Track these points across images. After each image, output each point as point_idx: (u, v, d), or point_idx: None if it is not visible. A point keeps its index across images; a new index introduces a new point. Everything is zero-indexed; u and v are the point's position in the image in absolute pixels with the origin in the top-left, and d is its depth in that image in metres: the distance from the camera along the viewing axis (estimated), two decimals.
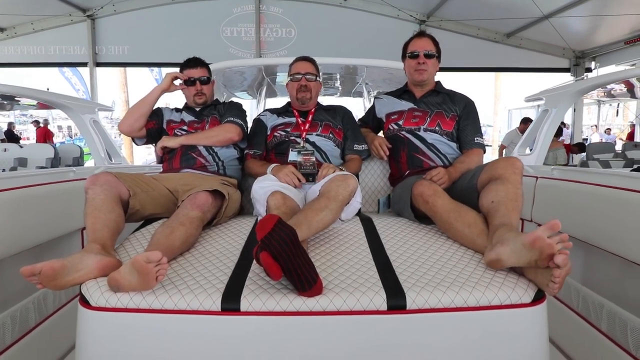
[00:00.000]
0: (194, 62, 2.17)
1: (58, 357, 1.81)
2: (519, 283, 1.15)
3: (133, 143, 2.28)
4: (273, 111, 2.27)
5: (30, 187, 1.69)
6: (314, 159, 1.93)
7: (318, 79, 2.17)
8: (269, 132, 2.19)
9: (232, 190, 1.84)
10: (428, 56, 2.05)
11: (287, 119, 2.18)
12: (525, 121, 7.01)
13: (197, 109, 2.21)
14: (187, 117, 2.18)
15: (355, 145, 2.16)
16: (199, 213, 1.50)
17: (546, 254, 1.05)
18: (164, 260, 1.07)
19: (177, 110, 2.24)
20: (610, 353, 1.57)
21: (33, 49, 9.16)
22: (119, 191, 1.51)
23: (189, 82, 2.14)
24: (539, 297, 1.13)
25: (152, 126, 2.12)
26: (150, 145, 2.24)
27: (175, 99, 2.55)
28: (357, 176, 2.22)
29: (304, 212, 1.42)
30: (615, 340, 1.56)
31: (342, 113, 2.25)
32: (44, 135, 11.34)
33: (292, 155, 1.97)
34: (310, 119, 2.16)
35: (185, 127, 2.13)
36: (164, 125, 2.16)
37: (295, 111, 2.20)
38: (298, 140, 2.07)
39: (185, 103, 2.27)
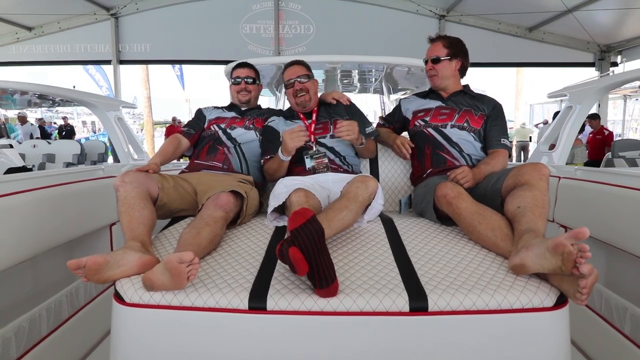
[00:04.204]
0: (242, 64, 2.37)
1: (90, 347, 1.89)
2: (541, 287, 1.15)
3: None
4: (279, 114, 2.27)
5: (62, 185, 1.76)
6: (326, 160, 2.02)
7: (312, 78, 2.17)
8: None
9: (248, 188, 1.88)
10: (434, 61, 2.09)
11: (295, 123, 2.18)
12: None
13: (242, 108, 2.31)
14: (229, 114, 2.27)
15: (367, 130, 2.17)
16: (222, 213, 1.55)
17: (569, 261, 1.05)
18: (195, 261, 1.11)
19: (221, 108, 2.35)
20: (633, 356, 1.56)
21: (59, 47, 9.42)
22: (148, 187, 1.56)
23: (236, 80, 2.29)
24: (561, 301, 1.13)
25: (199, 136, 2.23)
26: None
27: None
28: (377, 164, 2.32)
29: (325, 212, 1.49)
30: (639, 343, 1.55)
31: (344, 105, 2.25)
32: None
33: (308, 163, 2.03)
34: (314, 118, 2.18)
35: (223, 125, 2.20)
36: (205, 125, 2.25)
37: (300, 114, 2.21)
38: (309, 145, 2.07)
39: (231, 102, 2.37)
